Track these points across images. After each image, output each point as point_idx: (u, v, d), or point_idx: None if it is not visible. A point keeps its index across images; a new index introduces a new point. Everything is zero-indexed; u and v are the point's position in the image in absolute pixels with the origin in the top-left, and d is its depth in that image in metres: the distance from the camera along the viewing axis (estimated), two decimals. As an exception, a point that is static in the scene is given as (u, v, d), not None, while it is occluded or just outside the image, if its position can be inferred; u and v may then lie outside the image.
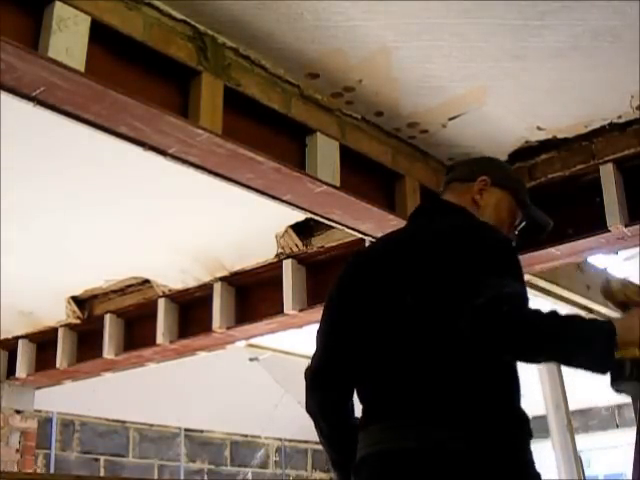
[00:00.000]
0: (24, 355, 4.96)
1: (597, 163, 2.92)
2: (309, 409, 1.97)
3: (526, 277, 1.98)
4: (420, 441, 1.65)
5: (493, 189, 2.03)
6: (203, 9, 2.22)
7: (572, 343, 1.60)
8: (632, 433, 3.52)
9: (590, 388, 6.47)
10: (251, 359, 6.95)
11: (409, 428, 1.68)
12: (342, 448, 1.87)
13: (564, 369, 4.89)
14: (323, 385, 1.93)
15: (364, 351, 1.83)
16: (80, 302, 4.58)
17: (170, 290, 4.24)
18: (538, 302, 3.51)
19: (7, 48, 1.85)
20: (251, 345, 5.44)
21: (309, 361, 1.97)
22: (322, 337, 1.96)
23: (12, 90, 2.02)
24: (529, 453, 1.71)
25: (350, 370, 1.87)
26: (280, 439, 8.22)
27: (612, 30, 2.32)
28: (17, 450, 5.26)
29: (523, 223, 2.11)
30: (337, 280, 2.00)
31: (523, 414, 1.72)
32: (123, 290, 4.46)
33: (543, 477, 1.74)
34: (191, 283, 4.14)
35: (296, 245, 3.72)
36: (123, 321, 4.51)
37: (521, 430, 1.71)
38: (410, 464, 1.65)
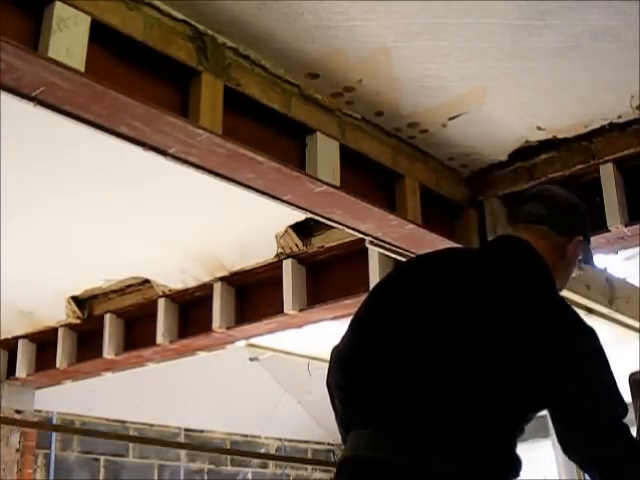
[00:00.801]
0: (24, 355, 4.96)
1: (597, 163, 2.92)
2: (327, 384, 1.98)
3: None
4: (408, 458, 1.67)
5: (579, 244, 2.04)
6: (203, 9, 2.22)
7: None
8: (632, 433, 3.51)
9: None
10: (251, 359, 6.94)
11: (400, 442, 1.70)
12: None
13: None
14: (344, 369, 1.93)
15: (390, 355, 1.83)
16: (80, 302, 4.58)
17: (170, 290, 4.24)
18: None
19: (7, 48, 1.85)
20: (251, 345, 5.44)
21: (339, 340, 1.97)
22: (358, 325, 1.96)
23: (12, 90, 2.01)
24: None
25: (371, 365, 1.87)
26: (280, 439, 8.21)
27: (612, 30, 2.32)
28: (17, 450, 5.26)
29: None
30: (389, 278, 2.03)
31: (519, 457, 1.76)
32: (123, 290, 4.46)
33: (543, 477, 1.76)
34: (191, 283, 4.14)
35: (296, 245, 3.72)
36: (123, 321, 4.51)
37: (513, 471, 1.75)
38: (390, 477, 1.67)
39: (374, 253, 3.45)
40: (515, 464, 1.75)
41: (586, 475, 1.85)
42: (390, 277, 2.07)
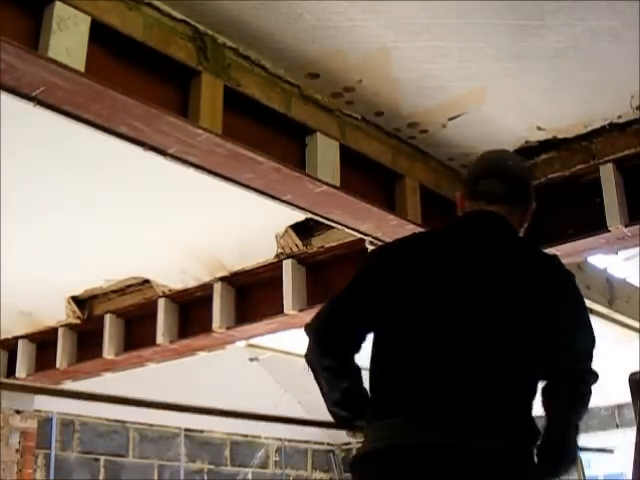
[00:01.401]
0: (24, 355, 4.96)
1: (597, 163, 2.92)
2: (308, 360, 2.04)
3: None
4: (456, 438, 1.71)
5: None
6: (203, 9, 2.22)
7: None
8: (632, 433, 3.52)
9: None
10: (251, 359, 6.94)
11: (440, 424, 1.73)
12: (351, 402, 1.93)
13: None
14: (327, 350, 1.97)
15: (406, 341, 1.85)
16: (80, 302, 4.58)
17: (170, 290, 4.24)
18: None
19: (7, 48, 1.85)
20: (251, 345, 5.44)
21: (316, 317, 2.04)
22: (345, 302, 1.98)
23: (12, 90, 2.02)
24: None
25: (359, 342, 1.92)
26: (280, 439, 8.21)
27: (612, 30, 2.32)
28: (17, 450, 5.27)
29: None
30: (379, 260, 2.02)
31: (539, 429, 1.86)
32: (123, 290, 4.45)
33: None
34: (191, 283, 4.14)
35: (296, 245, 3.72)
36: (123, 321, 4.51)
37: (538, 438, 1.85)
38: (438, 460, 1.70)
39: (374, 253, 3.44)
40: (538, 431, 1.85)
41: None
42: (379, 256, 2.07)
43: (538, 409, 1.89)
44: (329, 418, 2.04)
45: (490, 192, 2.05)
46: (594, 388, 1.95)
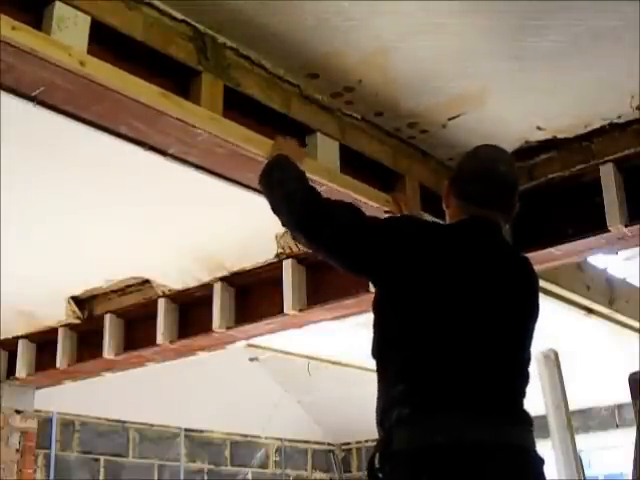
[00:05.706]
0: (24, 355, 4.95)
1: (597, 163, 2.92)
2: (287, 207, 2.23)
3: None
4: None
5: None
6: (203, 9, 2.22)
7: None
8: (632, 433, 3.53)
9: (590, 388, 6.48)
10: (251, 359, 6.95)
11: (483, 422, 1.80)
12: None
13: (563, 370, 4.89)
14: (310, 232, 2.14)
15: (452, 337, 1.87)
16: (80, 302, 4.57)
17: (170, 290, 4.23)
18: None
19: (7, 48, 1.85)
20: (251, 345, 5.43)
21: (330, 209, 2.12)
22: (368, 233, 2.03)
23: (12, 90, 2.02)
24: None
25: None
26: (280, 439, 8.22)
27: (612, 30, 2.32)
28: (17, 450, 5.25)
29: None
30: (418, 232, 2.01)
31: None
32: (123, 290, 4.45)
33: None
34: (191, 283, 4.14)
35: (296, 245, 3.71)
36: (123, 321, 4.50)
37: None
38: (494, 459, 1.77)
39: (374, 253, 3.43)
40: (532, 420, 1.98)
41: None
42: (419, 229, 2.04)
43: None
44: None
45: (480, 196, 2.06)
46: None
